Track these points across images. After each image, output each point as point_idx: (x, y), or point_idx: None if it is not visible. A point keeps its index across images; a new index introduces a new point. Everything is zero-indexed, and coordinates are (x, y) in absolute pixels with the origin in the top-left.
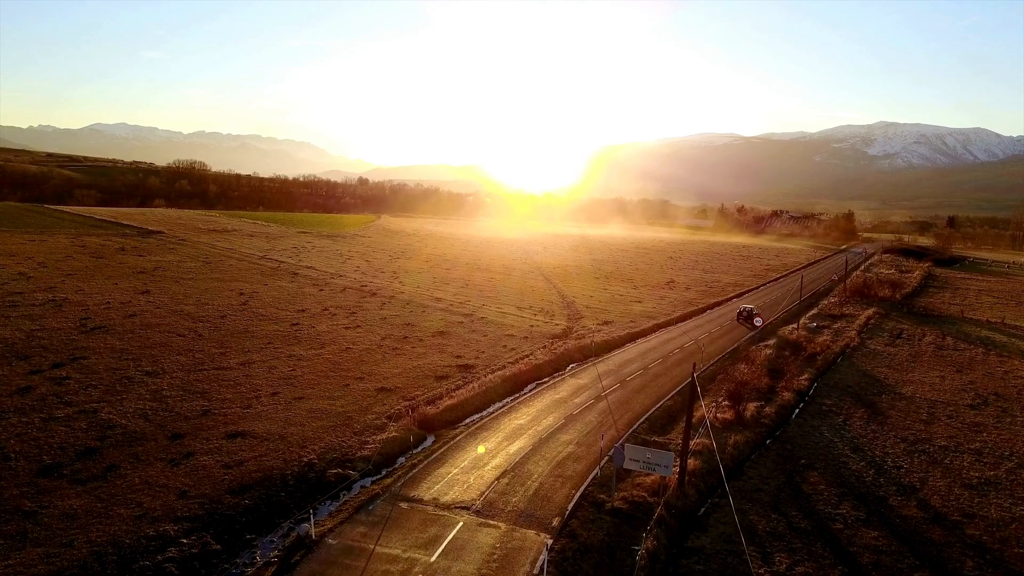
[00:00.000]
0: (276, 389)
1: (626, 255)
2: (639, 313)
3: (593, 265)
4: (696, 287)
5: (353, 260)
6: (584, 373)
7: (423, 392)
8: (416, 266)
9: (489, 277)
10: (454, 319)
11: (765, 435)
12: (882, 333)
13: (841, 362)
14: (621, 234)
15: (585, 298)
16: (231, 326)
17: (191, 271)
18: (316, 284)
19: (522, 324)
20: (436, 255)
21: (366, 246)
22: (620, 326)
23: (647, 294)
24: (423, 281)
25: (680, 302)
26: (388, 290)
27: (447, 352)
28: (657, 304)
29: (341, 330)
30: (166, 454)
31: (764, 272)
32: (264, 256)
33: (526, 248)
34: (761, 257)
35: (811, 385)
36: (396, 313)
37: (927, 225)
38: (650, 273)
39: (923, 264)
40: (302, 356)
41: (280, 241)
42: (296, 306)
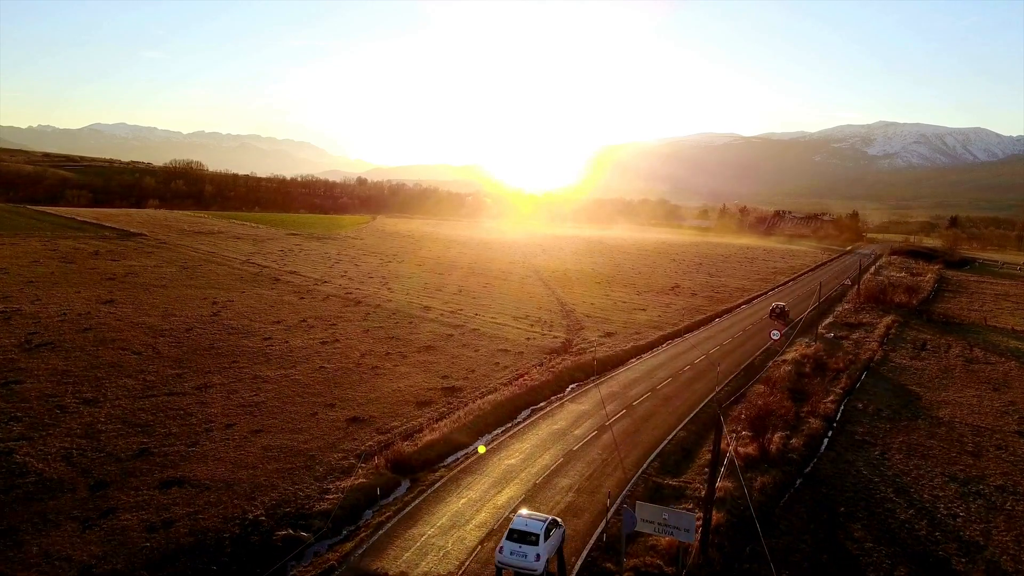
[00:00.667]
0: (232, 419)
1: (628, 257)
2: (644, 323)
3: (594, 269)
4: (702, 292)
5: (341, 264)
6: (585, 396)
7: (401, 422)
8: (408, 271)
9: (485, 283)
10: (443, 331)
11: (795, 474)
12: (905, 344)
13: (867, 379)
14: (622, 235)
15: (586, 305)
16: (195, 341)
17: (165, 277)
18: (297, 292)
19: (518, 337)
20: (430, 258)
21: (357, 249)
22: (624, 338)
23: (651, 301)
24: (413, 287)
25: (687, 310)
26: (374, 298)
27: (433, 371)
28: (663, 312)
29: (317, 346)
30: (81, 511)
31: (771, 276)
32: (247, 260)
33: (525, 250)
34: (767, 259)
35: (838, 408)
36: (380, 325)
37: (930, 225)
38: (653, 277)
39: (933, 266)
40: (268, 378)
41: (267, 244)
42: (272, 317)
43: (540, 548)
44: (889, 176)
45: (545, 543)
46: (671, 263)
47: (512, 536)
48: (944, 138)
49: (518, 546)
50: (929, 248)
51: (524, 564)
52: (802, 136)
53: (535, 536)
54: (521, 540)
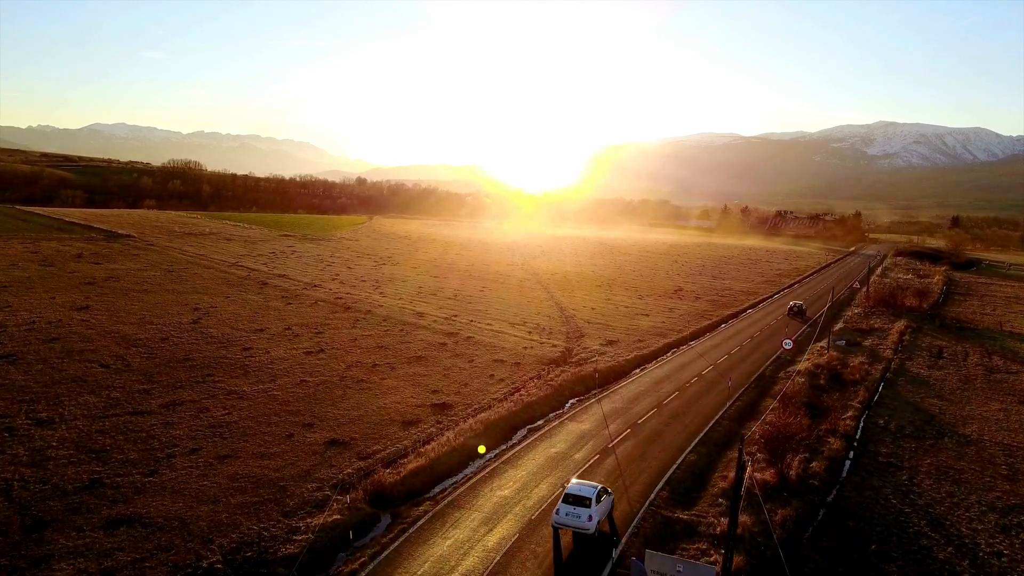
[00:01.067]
0: (199, 443)
1: (629, 259)
2: (647, 329)
3: (594, 271)
4: (706, 296)
5: (334, 267)
6: (587, 413)
7: (384, 446)
8: (402, 274)
9: (481, 286)
10: (436, 340)
11: (818, 504)
12: (920, 352)
13: (885, 392)
14: (623, 236)
15: (586, 311)
16: (169, 352)
17: (147, 281)
18: (285, 297)
19: (515, 345)
20: (426, 260)
21: (352, 251)
22: (627, 346)
23: (654, 305)
24: (407, 292)
25: (691, 315)
26: (365, 303)
27: (422, 385)
28: (666, 318)
29: (300, 356)
30: (10, 559)
31: (776, 278)
32: (235, 263)
33: (524, 252)
34: (771, 261)
35: (858, 425)
36: (369, 333)
37: (932, 226)
38: (655, 280)
39: (940, 268)
40: (244, 393)
41: (259, 246)
42: (255, 324)
43: (592, 510)
44: (889, 176)
45: (596, 506)
46: (673, 265)
47: (567, 499)
48: (944, 138)
49: (572, 508)
50: (934, 249)
51: (578, 524)
52: (802, 136)
53: (588, 499)
54: (575, 503)
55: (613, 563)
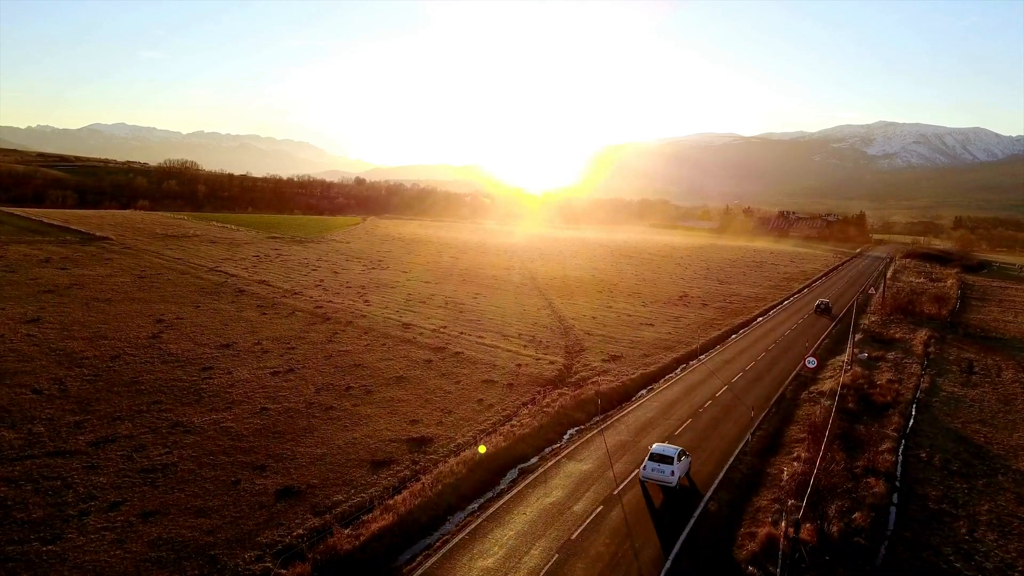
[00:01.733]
0: (123, 494)
1: (630, 262)
2: (652, 341)
3: (595, 276)
4: (713, 302)
5: (319, 272)
6: (588, 448)
7: (347, 495)
8: (392, 279)
9: (475, 293)
10: (421, 356)
11: (868, 570)
12: (949, 366)
13: (920, 416)
14: (623, 237)
15: (586, 320)
16: (117, 374)
17: (114, 289)
18: (261, 306)
19: (507, 363)
20: (418, 264)
21: (341, 254)
22: (631, 363)
23: (658, 313)
24: (395, 300)
25: (698, 324)
26: (347, 313)
27: (400, 414)
28: (673, 328)
29: (266, 377)
30: None
31: (784, 282)
32: (214, 268)
33: (522, 254)
34: (776, 264)
35: (897, 459)
36: (346, 349)
37: (934, 226)
38: (659, 285)
39: (951, 271)
40: (192, 426)
41: (243, 248)
42: (222, 339)
43: (674, 467)
44: (889, 176)
45: (677, 464)
46: (676, 268)
47: (653, 458)
48: (944, 138)
49: (657, 464)
50: (942, 251)
51: (662, 478)
52: (802, 136)
53: (670, 458)
54: (660, 460)
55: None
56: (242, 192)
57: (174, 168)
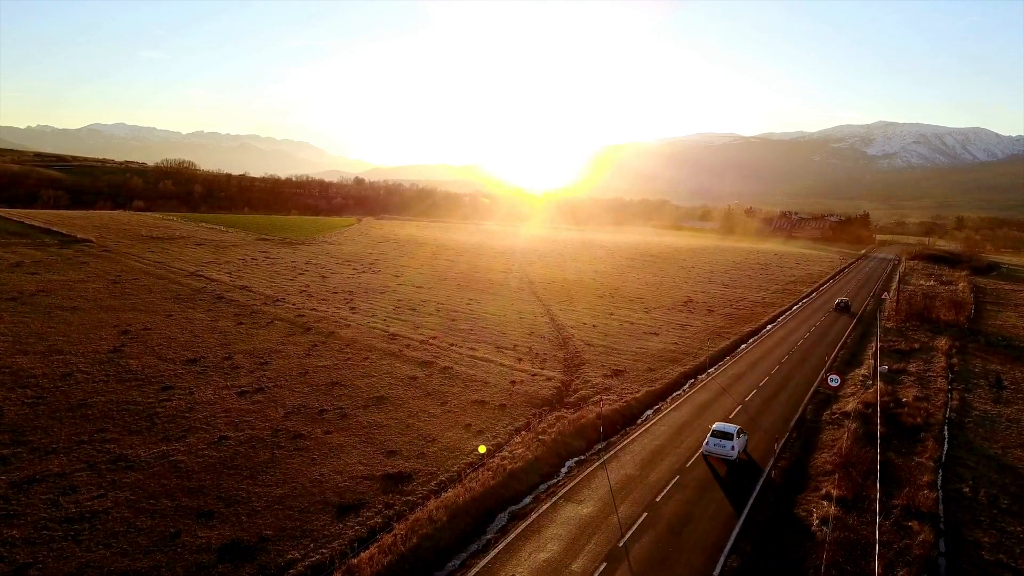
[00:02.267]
0: (35, 552)
1: (632, 264)
2: (658, 353)
3: (595, 279)
4: (720, 308)
5: (306, 276)
6: (588, 485)
7: (304, 552)
8: (382, 284)
9: (469, 299)
10: (406, 372)
11: None
12: (976, 380)
13: (955, 441)
14: (625, 239)
15: (587, 328)
16: (64, 396)
17: (83, 296)
18: (239, 314)
19: (500, 379)
20: (411, 268)
21: (331, 257)
22: (636, 378)
23: (663, 320)
24: (383, 307)
25: (706, 332)
26: (330, 322)
27: (377, 443)
28: (679, 337)
29: (231, 399)
30: None
31: (791, 285)
32: (195, 272)
33: (520, 256)
34: (782, 265)
35: (938, 495)
36: (324, 364)
37: (937, 226)
38: (662, 289)
39: (961, 273)
40: (137, 460)
41: (229, 251)
42: (189, 352)
43: (734, 442)
44: (889, 176)
45: (737, 440)
46: (680, 271)
47: (715, 435)
48: (943, 138)
49: (719, 440)
50: (950, 252)
51: (723, 452)
52: (801, 136)
53: (731, 434)
54: (721, 437)
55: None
56: (239, 192)
57: (171, 168)
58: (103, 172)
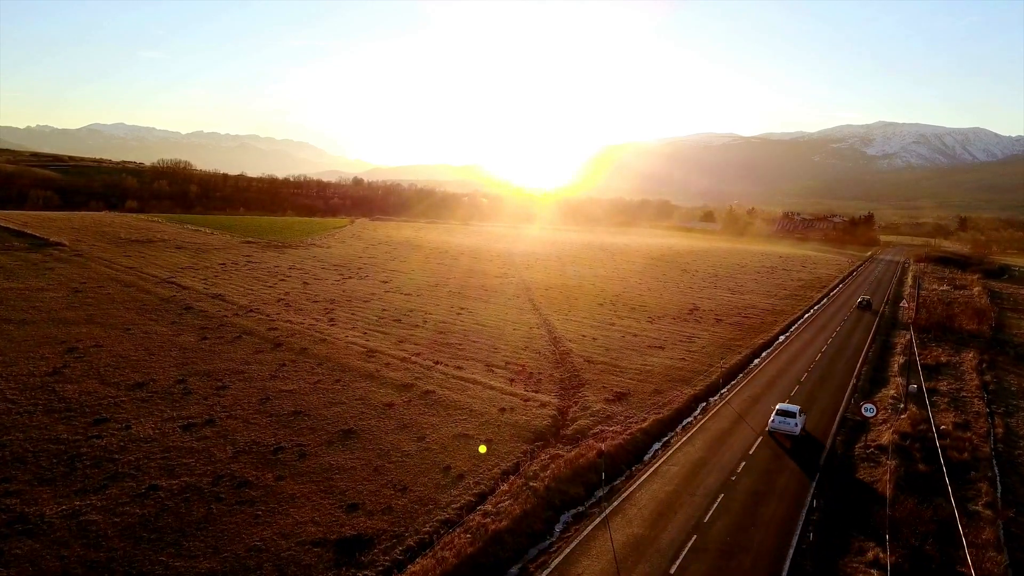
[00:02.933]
0: None
1: (634, 268)
2: (664, 371)
3: (595, 284)
4: (728, 316)
5: (287, 283)
6: (589, 551)
7: None
8: (367, 291)
9: (460, 308)
10: (381, 398)
11: None
12: (1015, 401)
13: (1008, 480)
14: (625, 240)
15: (586, 342)
16: None
17: (37, 307)
18: (205, 328)
19: (487, 406)
20: (402, 273)
21: (318, 261)
22: (640, 402)
23: (668, 331)
24: (365, 318)
25: (715, 346)
26: (305, 336)
27: (336, 492)
28: (686, 352)
29: (174, 433)
30: None
31: (800, 290)
32: (167, 279)
33: (518, 259)
34: (788, 269)
35: (1005, 559)
36: (290, 388)
37: (940, 227)
38: (665, 295)
39: (972, 276)
40: (37, 522)
41: (209, 255)
42: (140, 374)
43: (797, 419)
44: (888, 176)
45: (799, 417)
46: (683, 275)
47: (779, 413)
48: (943, 138)
49: (783, 418)
50: (959, 254)
51: (787, 428)
52: (801, 136)
53: (794, 412)
54: (785, 415)
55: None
56: (235, 192)
57: (167, 168)
58: (97, 172)
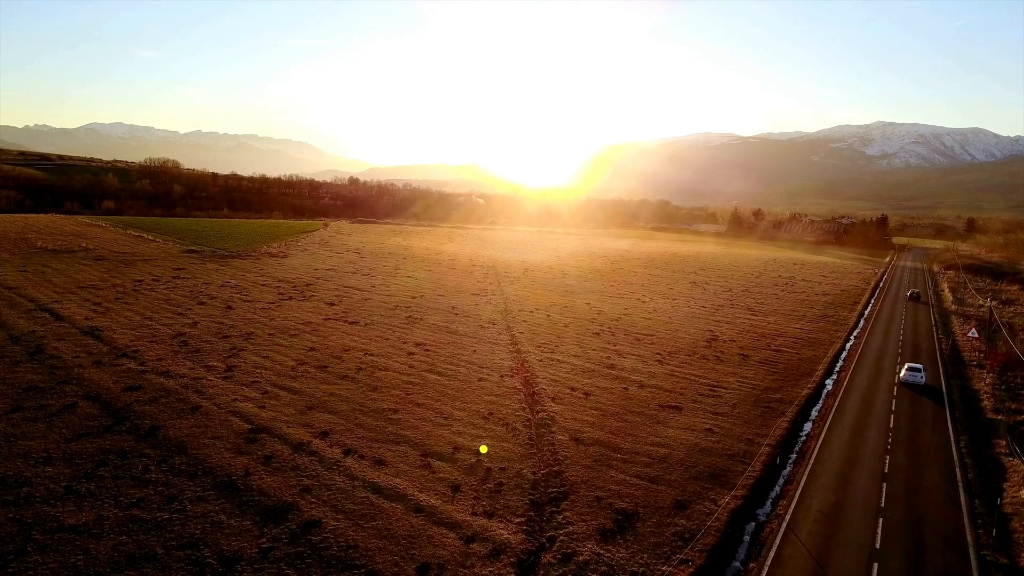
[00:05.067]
0: None
1: (636, 280)
2: (685, 456)
3: (590, 302)
4: (754, 350)
5: (207, 306)
6: None
7: None
8: (302, 318)
9: (416, 344)
10: (225, 544)
11: None
12: None
13: None
14: (625, 245)
15: (575, 400)
16: None
17: None
18: (34, 386)
19: (400, 563)
20: (357, 290)
21: (262, 275)
22: (656, 535)
23: (684, 378)
24: (276, 364)
25: (747, 403)
26: (173, 401)
27: None
28: (710, 415)
29: None
30: None
31: (828, 308)
32: (46, 305)
33: (502, 269)
34: (808, 279)
35: None
36: (77, 520)
37: (947, 227)
38: (676, 318)
39: (1012, 287)
40: None
41: (131, 269)
42: None
43: (921, 373)
44: (887, 176)
45: (923, 372)
46: (692, 288)
47: (908, 369)
48: (942, 138)
49: (912, 372)
50: (988, 261)
51: (914, 380)
52: (800, 136)
53: (920, 369)
54: (912, 371)
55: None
56: (222, 193)
57: (155, 167)
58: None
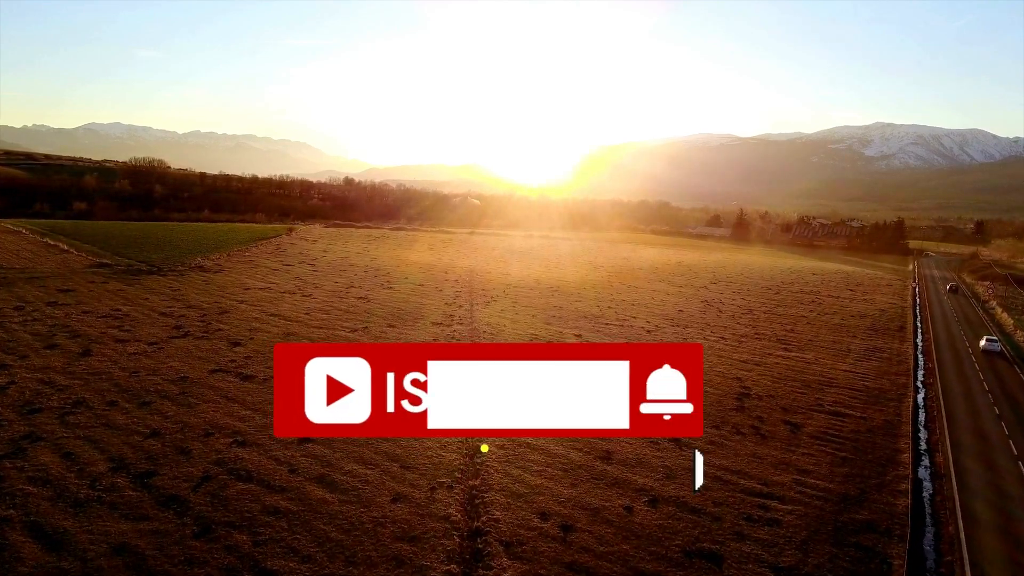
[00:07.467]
0: None
1: (638, 296)
2: None
3: (583, 339)
4: (804, 416)
5: (60, 349)
6: None
7: None
8: (176, 370)
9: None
10: None
11: None
12: None
13: None
14: (624, 253)
15: (547, 547)
16: None
17: None
18: None
19: None
20: (285, 320)
21: (171, 299)
22: None
23: (714, 479)
24: (82, 466)
25: (816, 530)
26: None
27: None
28: (768, 570)
29: None
30: None
31: (874, 336)
32: None
33: (479, 286)
34: (834, 295)
35: None
36: None
37: (955, 230)
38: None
39: None
40: None
41: (2, 291)
42: None
43: (998, 343)
44: (887, 177)
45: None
46: (707, 311)
47: (987, 340)
48: (941, 139)
49: (990, 342)
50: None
51: (994, 348)
52: (799, 137)
53: (997, 340)
54: (991, 341)
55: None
56: (207, 193)
57: (142, 167)
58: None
